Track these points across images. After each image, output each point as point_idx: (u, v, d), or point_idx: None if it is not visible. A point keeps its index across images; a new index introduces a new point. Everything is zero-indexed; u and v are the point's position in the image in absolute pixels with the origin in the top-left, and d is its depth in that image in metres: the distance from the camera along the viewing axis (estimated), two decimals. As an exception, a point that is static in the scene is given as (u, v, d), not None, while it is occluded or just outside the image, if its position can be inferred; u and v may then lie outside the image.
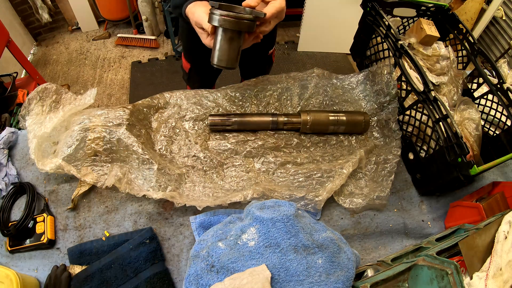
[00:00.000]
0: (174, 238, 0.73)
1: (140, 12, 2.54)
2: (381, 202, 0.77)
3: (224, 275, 0.53)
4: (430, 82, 0.72)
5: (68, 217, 0.74)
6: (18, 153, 0.81)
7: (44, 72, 2.42)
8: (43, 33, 2.66)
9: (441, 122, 0.70)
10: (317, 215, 0.76)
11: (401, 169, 0.86)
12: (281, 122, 0.83)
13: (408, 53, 0.77)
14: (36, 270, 0.70)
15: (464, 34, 0.92)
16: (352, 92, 0.95)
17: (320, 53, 2.65)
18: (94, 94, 0.79)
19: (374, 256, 0.77)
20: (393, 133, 0.85)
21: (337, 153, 0.85)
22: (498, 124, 0.86)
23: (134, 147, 0.73)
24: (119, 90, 2.32)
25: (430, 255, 0.53)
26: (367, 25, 0.93)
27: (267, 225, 0.55)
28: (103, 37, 2.67)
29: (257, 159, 0.82)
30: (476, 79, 0.93)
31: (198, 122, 0.86)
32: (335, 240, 0.58)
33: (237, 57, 0.68)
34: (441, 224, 0.81)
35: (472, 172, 0.64)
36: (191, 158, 0.81)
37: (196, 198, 0.75)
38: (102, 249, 0.70)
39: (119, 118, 0.76)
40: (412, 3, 0.96)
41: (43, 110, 0.80)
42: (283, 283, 0.51)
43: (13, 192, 0.74)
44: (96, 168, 0.74)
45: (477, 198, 0.80)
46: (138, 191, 0.70)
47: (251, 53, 0.72)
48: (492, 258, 0.54)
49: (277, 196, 0.72)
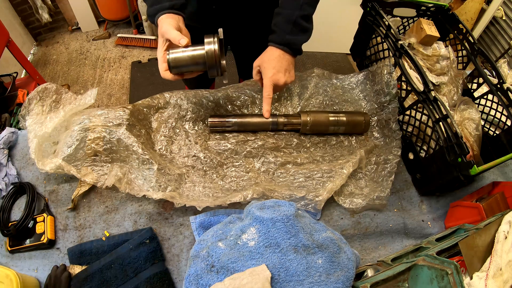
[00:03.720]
0: (174, 238, 0.73)
1: (140, 12, 2.54)
2: (381, 202, 0.77)
3: (224, 275, 0.53)
4: (430, 82, 0.72)
5: (68, 217, 0.74)
6: (18, 153, 0.81)
7: (44, 72, 2.42)
8: (43, 33, 2.66)
9: (441, 122, 0.70)
10: (317, 215, 0.76)
11: (401, 169, 0.86)
12: (281, 123, 0.83)
13: (408, 53, 0.77)
14: (36, 270, 0.70)
15: (464, 34, 0.93)
16: (352, 92, 0.95)
17: (320, 53, 2.65)
18: (95, 94, 0.79)
19: (374, 256, 0.77)
20: (393, 133, 0.85)
21: (337, 153, 0.85)
22: (498, 124, 0.86)
23: (134, 147, 0.73)
24: (119, 90, 2.32)
25: (430, 255, 0.53)
26: (367, 25, 0.93)
27: (267, 225, 0.55)
28: (103, 37, 2.67)
29: (257, 159, 0.82)
30: (476, 79, 0.93)
31: (198, 122, 0.86)
32: (335, 240, 0.58)
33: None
34: (441, 224, 0.81)
35: (472, 172, 0.64)
36: (191, 158, 0.81)
37: (196, 198, 0.75)
38: (102, 249, 0.70)
39: (119, 118, 0.76)
40: (412, 3, 0.96)
41: (43, 110, 0.80)
42: (283, 283, 0.51)
43: (13, 192, 0.74)
44: (96, 168, 0.74)
45: (477, 198, 0.80)
46: (138, 191, 0.70)
47: (249, 56, 0.73)
48: (492, 258, 0.54)
49: (277, 196, 0.72)
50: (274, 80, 0.77)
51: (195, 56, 0.68)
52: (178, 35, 0.67)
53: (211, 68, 0.69)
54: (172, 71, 0.70)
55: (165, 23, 0.69)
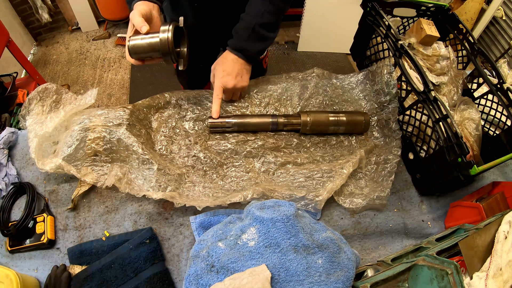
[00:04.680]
0: (174, 238, 0.73)
1: (140, 12, 2.54)
2: (381, 202, 0.77)
3: (224, 275, 0.53)
4: (430, 82, 0.72)
5: (68, 217, 0.74)
6: (18, 153, 0.81)
7: (44, 72, 2.42)
8: (43, 33, 2.66)
9: (441, 122, 0.70)
10: (317, 215, 0.76)
11: (401, 169, 0.86)
12: (281, 123, 0.83)
13: (408, 53, 0.77)
14: (36, 270, 0.70)
15: (464, 34, 0.92)
16: (352, 92, 0.95)
17: (320, 53, 2.65)
18: (95, 94, 0.79)
19: (374, 256, 0.77)
20: (393, 133, 0.85)
21: (337, 153, 0.85)
22: (498, 124, 0.86)
23: (134, 147, 0.73)
24: (119, 90, 2.32)
25: (430, 255, 0.53)
26: (367, 25, 0.93)
27: (267, 225, 0.55)
28: (103, 37, 2.67)
29: (257, 159, 0.82)
30: (476, 79, 0.93)
31: (198, 122, 0.86)
32: (335, 240, 0.58)
33: None
34: (441, 224, 0.81)
35: (472, 172, 0.64)
36: (191, 158, 0.81)
37: (196, 198, 0.75)
38: (102, 249, 0.70)
39: (119, 118, 0.76)
40: (412, 3, 0.96)
41: (43, 110, 0.81)
42: (283, 283, 0.51)
43: (13, 192, 0.74)
44: (96, 168, 0.74)
45: (477, 198, 0.80)
46: (138, 191, 0.70)
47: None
48: (492, 258, 0.54)
49: (277, 196, 0.72)
50: (223, 82, 0.81)
51: (152, 44, 0.70)
52: (140, 21, 0.69)
53: (165, 55, 0.72)
54: (132, 56, 0.73)
55: (135, 9, 0.71)
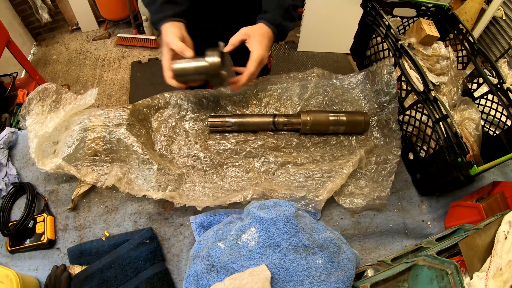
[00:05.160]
0: (174, 238, 0.73)
1: (140, 12, 2.54)
2: (381, 202, 0.77)
3: (224, 275, 0.53)
4: (430, 82, 0.72)
5: (68, 217, 0.74)
6: (18, 153, 0.81)
7: (44, 72, 2.42)
8: (43, 33, 2.66)
9: (441, 122, 0.70)
10: (317, 215, 0.76)
11: (401, 169, 0.86)
12: (281, 123, 0.83)
13: (408, 53, 0.77)
14: (36, 270, 0.70)
15: (464, 34, 0.92)
16: (352, 92, 0.95)
17: (320, 53, 2.65)
18: (95, 94, 0.79)
19: (374, 256, 0.77)
20: (393, 133, 0.85)
21: (337, 153, 0.85)
22: (498, 124, 0.86)
23: (134, 147, 0.73)
24: (119, 90, 2.32)
25: (430, 255, 0.53)
26: (367, 25, 0.93)
27: (267, 225, 0.55)
28: (103, 37, 2.67)
29: (257, 159, 0.82)
30: (476, 79, 0.93)
31: (198, 122, 0.86)
32: (335, 240, 0.58)
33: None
34: (441, 224, 0.81)
35: (472, 172, 0.64)
36: (191, 158, 0.81)
37: (196, 198, 0.75)
38: (102, 249, 0.70)
39: (119, 118, 0.76)
40: (412, 3, 0.96)
41: (43, 110, 0.80)
42: (283, 283, 0.51)
43: (13, 192, 0.74)
44: (96, 168, 0.74)
45: (477, 198, 0.80)
46: (138, 191, 0.70)
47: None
48: (492, 258, 0.54)
49: (277, 196, 0.72)
50: (262, 56, 0.74)
51: (199, 67, 0.75)
52: (182, 46, 0.71)
53: (213, 78, 0.76)
54: (177, 79, 0.75)
55: (169, 33, 0.73)
